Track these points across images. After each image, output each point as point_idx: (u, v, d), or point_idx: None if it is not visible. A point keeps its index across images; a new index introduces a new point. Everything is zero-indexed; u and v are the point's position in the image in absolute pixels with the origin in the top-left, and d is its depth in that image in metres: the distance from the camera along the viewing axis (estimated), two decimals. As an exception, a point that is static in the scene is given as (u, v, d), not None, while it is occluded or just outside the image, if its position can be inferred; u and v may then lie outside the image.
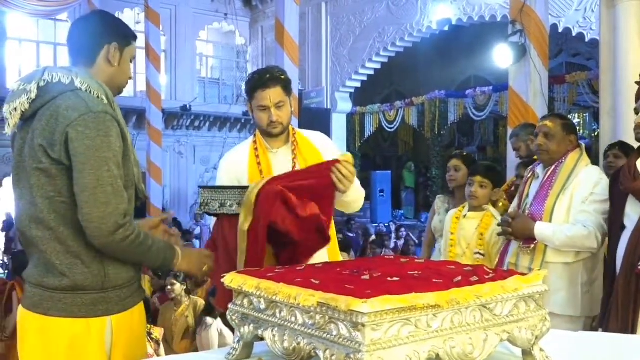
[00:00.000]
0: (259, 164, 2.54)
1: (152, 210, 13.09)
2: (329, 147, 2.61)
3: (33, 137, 1.80)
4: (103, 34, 1.93)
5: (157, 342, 4.52)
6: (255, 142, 2.59)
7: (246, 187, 2.27)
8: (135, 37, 2.03)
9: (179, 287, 5.32)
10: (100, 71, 1.92)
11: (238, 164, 2.59)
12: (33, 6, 11.99)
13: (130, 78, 2.06)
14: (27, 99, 1.81)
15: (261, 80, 2.48)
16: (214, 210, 2.30)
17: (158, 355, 4.09)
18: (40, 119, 1.80)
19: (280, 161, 2.55)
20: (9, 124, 1.85)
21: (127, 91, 17.62)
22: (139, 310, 1.98)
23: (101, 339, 1.83)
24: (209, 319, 4.86)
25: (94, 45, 1.91)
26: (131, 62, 2.02)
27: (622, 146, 3.69)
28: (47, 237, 1.81)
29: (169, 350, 5.03)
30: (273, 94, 2.47)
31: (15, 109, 1.82)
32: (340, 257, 2.64)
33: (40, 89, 1.81)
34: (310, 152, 2.56)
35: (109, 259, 1.84)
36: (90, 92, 1.83)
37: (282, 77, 2.50)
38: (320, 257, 2.39)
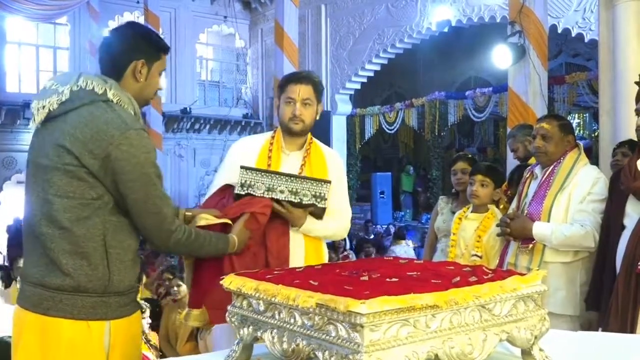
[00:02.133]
0: (269, 157, 2.59)
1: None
2: (336, 169, 2.69)
3: (58, 137, 1.84)
4: (132, 49, 1.96)
5: (155, 348, 4.52)
6: (273, 137, 2.65)
7: (301, 176, 2.40)
8: (166, 50, 2.06)
9: (184, 289, 5.31)
10: (127, 85, 1.96)
11: (249, 151, 2.64)
12: (32, 10, 12.00)
13: (160, 89, 2.11)
14: (58, 99, 1.85)
15: (296, 75, 2.64)
16: (259, 194, 2.34)
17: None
18: (68, 121, 1.84)
19: (290, 164, 2.59)
20: (34, 120, 1.90)
21: (127, 94, 17.65)
22: (136, 318, 2.00)
23: (100, 341, 1.85)
24: None
25: (121, 61, 1.96)
26: (160, 74, 2.05)
27: (632, 145, 3.68)
28: (57, 236, 1.82)
29: (172, 352, 5.02)
30: (303, 90, 2.56)
31: (44, 107, 1.86)
32: (325, 259, 2.67)
33: (73, 92, 1.85)
34: (319, 164, 2.62)
35: (116, 265, 1.87)
36: (122, 105, 1.89)
37: (317, 80, 2.63)
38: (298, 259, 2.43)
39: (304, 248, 2.52)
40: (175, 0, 16.39)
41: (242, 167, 2.36)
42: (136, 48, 1.96)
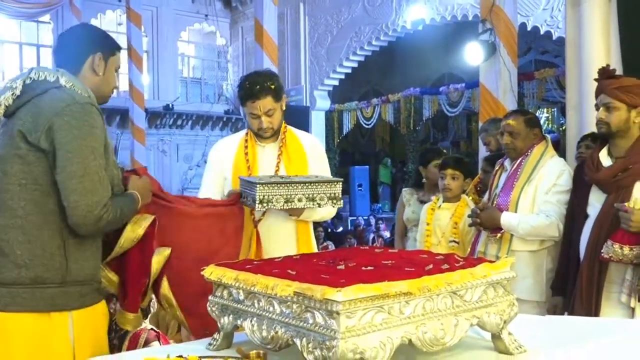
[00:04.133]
0: (246, 154, 2.60)
1: (136, 208, 12.97)
2: (316, 152, 2.68)
3: (12, 127, 1.79)
4: (88, 44, 1.95)
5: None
6: (247, 134, 2.66)
7: (316, 181, 2.31)
8: (119, 48, 2.05)
9: None
10: (86, 79, 1.92)
11: (227, 151, 2.65)
12: (15, 8, 11.79)
13: (115, 87, 2.06)
14: (12, 94, 1.81)
15: (252, 91, 2.51)
16: (280, 207, 2.27)
17: None
18: (22, 112, 1.79)
19: (267, 155, 2.60)
20: None
21: (110, 91, 17.35)
22: (101, 308, 1.93)
23: (65, 334, 1.78)
24: None
25: (79, 55, 1.93)
26: (116, 71, 2.03)
27: (594, 137, 3.73)
28: (11, 226, 1.76)
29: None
30: (262, 104, 2.52)
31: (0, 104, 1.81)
32: (314, 244, 2.68)
33: (26, 86, 1.82)
34: (297, 152, 2.61)
35: (73, 254, 1.80)
36: (75, 89, 1.83)
37: (272, 86, 2.53)
38: (290, 247, 2.43)
39: (295, 235, 2.55)
40: (157, -2, 16.23)
41: (259, 184, 2.24)
42: (93, 42, 1.96)
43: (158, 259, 1.99)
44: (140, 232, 1.94)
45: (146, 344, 2.87)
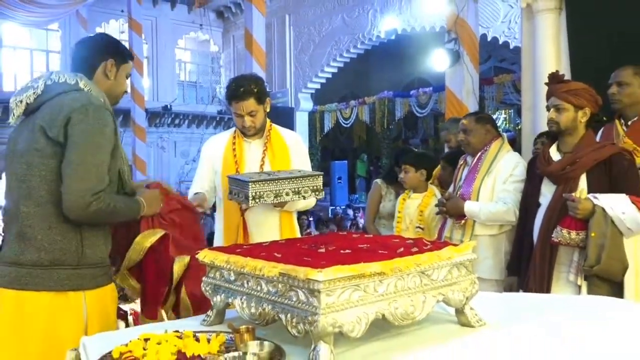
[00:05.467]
0: (234, 149, 2.57)
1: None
2: (298, 149, 2.66)
3: (34, 124, 1.77)
4: (102, 51, 1.94)
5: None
6: (235, 132, 2.64)
7: (300, 176, 2.28)
8: (131, 57, 2.04)
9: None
10: (99, 83, 1.91)
11: (217, 147, 2.63)
12: (25, 17, 11.56)
13: (125, 92, 2.05)
14: (33, 92, 1.79)
15: (236, 92, 2.49)
16: (270, 202, 2.24)
17: None
18: (43, 110, 1.77)
19: (253, 151, 2.58)
20: (13, 114, 1.83)
21: (114, 93, 17.25)
22: (110, 289, 1.91)
23: (79, 312, 1.77)
24: None
25: (94, 60, 1.92)
26: (127, 77, 2.02)
27: (549, 135, 3.76)
28: (33, 214, 1.75)
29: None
30: (246, 105, 2.49)
31: (21, 101, 1.80)
32: (297, 231, 2.68)
33: (47, 86, 1.80)
34: (281, 148, 2.59)
35: (87, 239, 1.79)
36: (92, 93, 1.83)
37: (255, 89, 2.50)
38: (274, 234, 2.42)
39: (279, 224, 2.53)
40: (156, 9, 16.08)
41: (251, 182, 2.20)
42: (107, 50, 1.95)
43: (179, 266, 1.97)
44: (146, 245, 1.93)
45: None
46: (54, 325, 1.74)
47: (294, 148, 2.63)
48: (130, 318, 4.22)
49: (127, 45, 12.90)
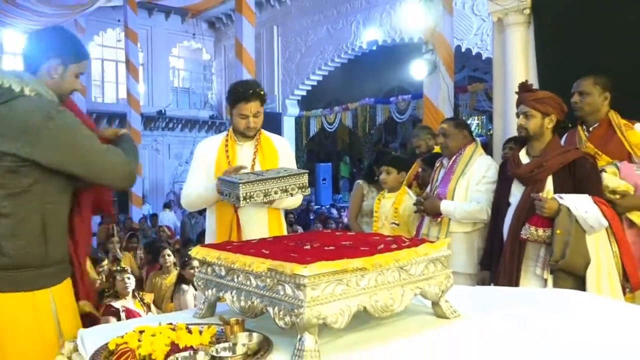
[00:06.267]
0: (226, 151, 2.55)
1: (133, 198, 12.74)
2: (286, 152, 2.66)
3: None
4: (48, 49, 1.76)
5: (147, 306, 4.43)
6: (227, 135, 2.62)
7: (287, 175, 2.26)
8: (85, 57, 1.84)
9: (172, 259, 5.41)
10: (43, 79, 1.75)
11: (210, 149, 2.60)
12: (25, 25, 11.38)
13: (75, 89, 1.85)
14: None
15: (245, 95, 2.48)
16: (260, 201, 2.22)
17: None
18: None
19: (244, 153, 2.57)
20: None
21: (111, 98, 17.05)
22: (68, 282, 1.81)
23: (48, 309, 1.68)
24: (184, 286, 4.77)
25: (38, 58, 1.76)
26: (77, 77, 1.83)
27: (517, 140, 3.79)
28: None
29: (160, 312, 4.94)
30: (253, 106, 2.49)
31: None
32: (284, 227, 2.67)
33: None
34: (270, 151, 2.59)
35: (51, 240, 1.70)
36: (40, 96, 1.70)
37: (261, 92, 2.53)
38: (263, 231, 2.41)
39: (267, 221, 2.52)
40: (152, 19, 15.94)
41: (241, 183, 2.18)
42: (53, 48, 1.77)
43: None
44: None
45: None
46: (25, 326, 1.64)
47: (282, 151, 2.63)
48: (122, 315, 4.18)
49: (123, 53, 12.88)
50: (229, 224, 2.49)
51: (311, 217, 11.35)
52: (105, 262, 5.38)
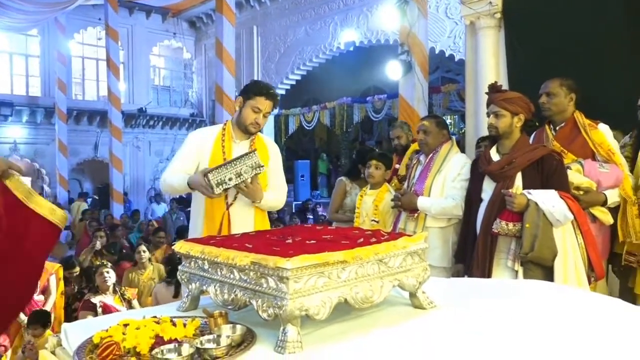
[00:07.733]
0: (223, 147, 2.52)
1: (114, 195, 12.52)
2: (276, 159, 2.66)
3: None
4: None
5: (128, 301, 4.36)
6: (224, 129, 2.56)
7: (235, 158, 2.28)
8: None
9: (147, 255, 5.39)
10: None
11: (205, 141, 2.55)
12: (5, 22, 11.07)
13: None
14: None
15: (268, 91, 2.49)
16: (218, 192, 2.23)
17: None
18: None
19: (240, 150, 2.53)
20: None
21: (91, 96, 16.72)
22: None
23: None
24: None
25: None
26: None
27: (490, 138, 3.83)
28: None
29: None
30: (269, 105, 2.50)
31: None
32: (268, 226, 2.65)
33: None
34: (263, 150, 2.59)
35: None
36: None
37: (278, 97, 2.57)
38: (249, 227, 2.40)
39: (253, 219, 2.51)
40: (132, 18, 15.68)
41: (209, 172, 2.22)
42: None
43: None
44: None
45: None
46: None
47: (273, 157, 2.64)
48: (99, 310, 4.11)
49: (104, 51, 12.62)
50: (219, 220, 2.47)
51: (293, 211, 11.33)
52: (77, 269, 5.30)
